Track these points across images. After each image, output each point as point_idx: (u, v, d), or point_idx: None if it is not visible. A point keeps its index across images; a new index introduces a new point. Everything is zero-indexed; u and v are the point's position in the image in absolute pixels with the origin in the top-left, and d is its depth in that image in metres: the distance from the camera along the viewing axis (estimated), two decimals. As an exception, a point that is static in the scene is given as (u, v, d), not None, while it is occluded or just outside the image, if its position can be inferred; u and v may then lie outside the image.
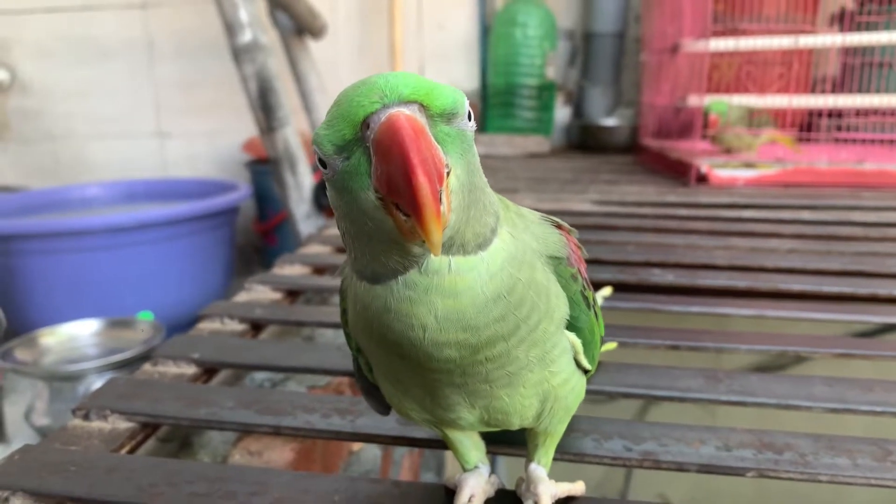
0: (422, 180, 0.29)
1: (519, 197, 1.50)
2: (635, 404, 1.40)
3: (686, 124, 1.68)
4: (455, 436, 0.45)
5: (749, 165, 1.62)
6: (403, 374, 0.39)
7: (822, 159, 1.61)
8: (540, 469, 0.46)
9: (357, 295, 0.37)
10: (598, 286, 0.81)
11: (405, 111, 0.31)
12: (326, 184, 0.35)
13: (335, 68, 2.70)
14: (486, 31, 2.63)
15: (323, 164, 0.34)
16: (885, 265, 0.95)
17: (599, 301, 0.70)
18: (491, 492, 0.47)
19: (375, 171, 0.31)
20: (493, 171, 1.98)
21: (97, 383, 1.40)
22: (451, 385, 0.38)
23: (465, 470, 0.47)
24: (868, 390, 0.61)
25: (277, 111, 1.82)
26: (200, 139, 2.91)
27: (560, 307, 0.39)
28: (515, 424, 0.42)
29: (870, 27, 1.67)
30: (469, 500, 0.45)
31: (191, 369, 0.69)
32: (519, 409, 0.40)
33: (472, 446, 0.46)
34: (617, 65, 2.55)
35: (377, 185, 0.31)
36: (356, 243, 0.35)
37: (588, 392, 0.62)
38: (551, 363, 0.39)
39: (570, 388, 0.42)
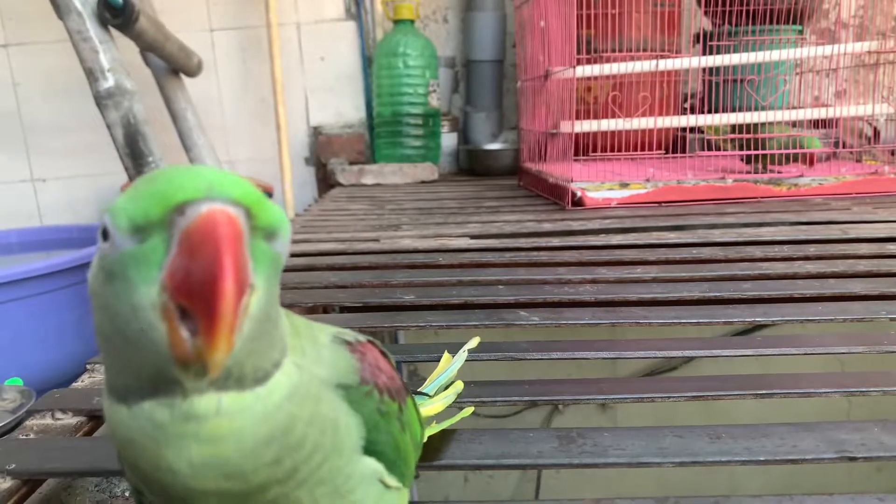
0: (229, 287, 0.26)
1: (401, 233, 1.48)
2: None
3: (561, 148, 1.71)
4: None
5: (623, 185, 1.66)
6: None
7: (689, 176, 1.68)
8: None
9: (105, 413, 0.32)
10: (468, 332, 0.79)
11: (231, 210, 0.27)
12: (97, 263, 0.30)
13: (219, 104, 2.62)
14: (368, 62, 2.62)
15: (105, 237, 0.29)
16: (740, 289, 0.98)
17: (464, 355, 0.68)
18: None
19: (172, 265, 0.27)
20: (382, 203, 1.95)
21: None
22: None
23: None
24: (716, 439, 0.61)
25: (147, 157, 1.73)
26: (78, 182, 2.74)
27: (352, 437, 0.36)
28: None
29: (722, 50, 1.76)
30: None
31: (6, 484, 0.62)
32: None
33: None
34: (498, 90, 2.59)
35: (167, 282, 0.27)
36: (108, 345, 0.30)
37: (442, 468, 0.60)
38: (348, 494, 0.35)
39: None
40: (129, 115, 1.73)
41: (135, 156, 1.74)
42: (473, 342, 0.73)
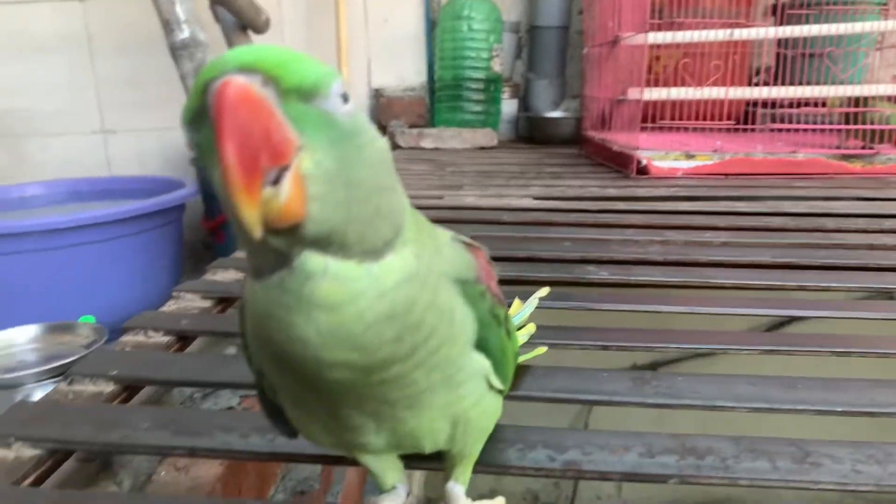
0: (228, 147, 0.26)
1: (464, 192, 1.49)
2: (573, 409, 1.41)
3: (628, 116, 1.69)
4: (368, 459, 0.43)
5: (689, 156, 1.64)
6: (300, 392, 0.36)
7: (759, 149, 1.65)
8: (458, 487, 0.44)
9: (244, 295, 0.34)
10: (535, 285, 0.81)
11: (240, 79, 0.27)
12: None
13: (281, 63, 2.64)
14: (432, 26, 2.61)
15: (187, 139, 0.31)
16: (814, 257, 0.97)
17: (535, 302, 0.70)
18: None
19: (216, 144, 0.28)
20: (442, 165, 1.97)
21: (36, 391, 1.35)
22: (350, 406, 0.35)
23: (381, 491, 0.45)
24: (790, 388, 0.62)
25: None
26: (147, 136, 2.82)
27: (466, 330, 0.37)
28: (427, 448, 0.40)
29: (801, 19, 1.71)
30: None
31: (109, 387, 0.66)
32: (428, 433, 0.38)
33: (388, 467, 0.44)
34: (562, 57, 2.56)
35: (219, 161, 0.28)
36: (234, 229, 0.31)
37: (519, 399, 0.61)
38: (458, 386, 0.37)
39: (483, 410, 0.40)
40: (202, 66, 1.77)
41: (205, 107, 1.79)
42: (543, 291, 0.75)
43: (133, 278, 2.10)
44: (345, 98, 0.31)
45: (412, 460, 0.50)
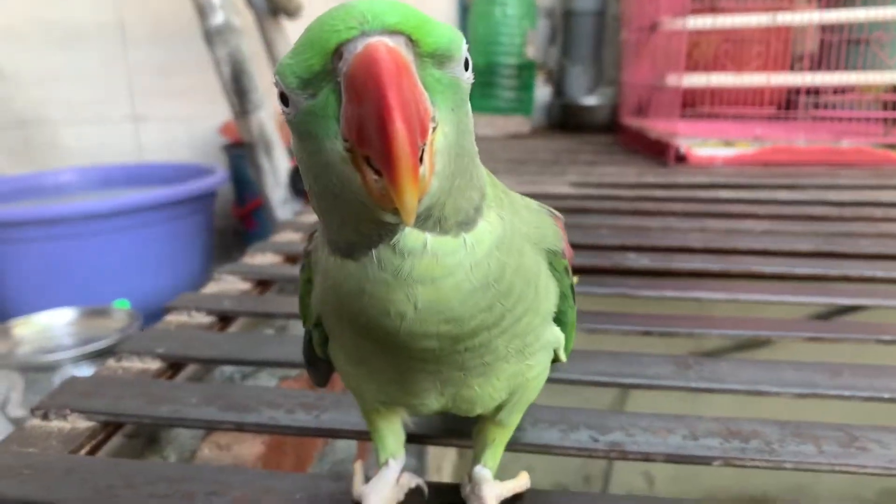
0: (399, 127, 0.24)
1: (497, 179, 1.49)
2: (610, 393, 1.41)
3: (666, 103, 1.67)
4: (379, 422, 0.43)
5: (728, 144, 1.61)
6: (373, 358, 0.36)
7: (801, 138, 1.61)
8: (485, 470, 0.44)
9: (328, 270, 0.33)
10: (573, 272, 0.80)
11: (388, 42, 0.25)
12: (288, 127, 0.30)
13: (313, 49, 2.65)
14: (465, 10, 2.60)
15: (285, 101, 0.28)
16: (858, 245, 0.95)
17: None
18: (400, 496, 0.44)
19: (345, 113, 0.26)
20: (473, 153, 1.96)
21: (73, 373, 1.39)
22: (425, 371, 0.35)
23: (378, 461, 0.44)
24: (836, 375, 0.61)
25: (251, 94, 1.80)
26: (176, 123, 2.86)
27: (548, 300, 0.37)
28: (476, 413, 0.40)
29: (847, 4, 1.67)
30: None
31: (155, 364, 0.68)
32: (486, 400, 0.38)
33: (392, 435, 0.44)
34: (597, 43, 2.53)
35: (346, 133, 0.26)
36: (322, 204, 0.30)
37: (557, 381, 0.62)
38: (530, 356, 0.37)
39: (540, 382, 0.41)
40: (236, 52, 1.79)
41: (240, 92, 1.80)
42: (574, 278, 0.74)
43: (165, 264, 2.13)
44: (467, 62, 0.29)
45: (438, 437, 0.51)
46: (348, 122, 0.26)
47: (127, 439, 0.68)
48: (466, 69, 0.29)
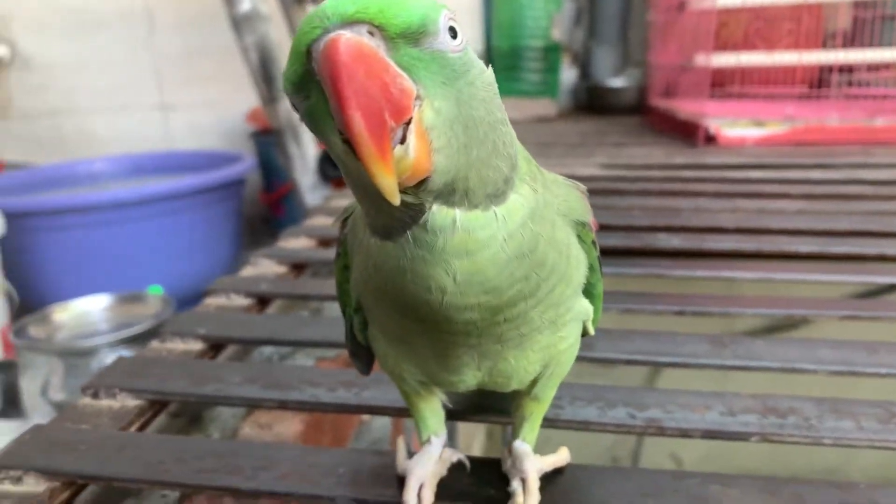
0: (353, 114, 0.25)
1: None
2: (642, 372, 1.41)
3: (695, 83, 1.65)
4: (419, 403, 0.44)
5: (758, 124, 1.59)
6: (414, 336, 0.37)
7: (833, 116, 1.59)
8: (525, 445, 0.45)
9: (369, 252, 0.34)
10: (604, 254, 0.80)
11: (346, 34, 0.26)
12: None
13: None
14: (489, -7, 2.58)
15: (294, 106, 0.30)
16: (894, 224, 0.94)
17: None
18: (443, 471, 0.45)
19: (332, 109, 0.27)
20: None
21: (110, 358, 1.42)
22: (465, 346, 0.36)
23: (420, 439, 0.45)
24: (873, 352, 0.61)
25: (279, 81, 1.81)
26: (204, 110, 2.89)
27: (579, 271, 0.37)
28: (511, 387, 0.41)
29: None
30: (420, 491, 0.43)
31: (197, 345, 0.70)
32: (521, 373, 0.39)
33: (432, 415, 0.45)
34: (624, 24, 2.50)
35: (339, 127, 0.27)
36: (354, 192, 0.32)
37: (593, 360, 0.62)
38: (562, 327, 0.38)
39: (572, 355, 0.41)
40: (264, 39, 1.80)
41: (268, 79, 1.82)
42: None
43: (196, 250, 2.17)
44: (453, 32, 0.29)
45: (472, 414, 0.52)
46: (335, 116, 0.27)
47: (171, 418, 0.70)
48: (455, 38, 0.29)
